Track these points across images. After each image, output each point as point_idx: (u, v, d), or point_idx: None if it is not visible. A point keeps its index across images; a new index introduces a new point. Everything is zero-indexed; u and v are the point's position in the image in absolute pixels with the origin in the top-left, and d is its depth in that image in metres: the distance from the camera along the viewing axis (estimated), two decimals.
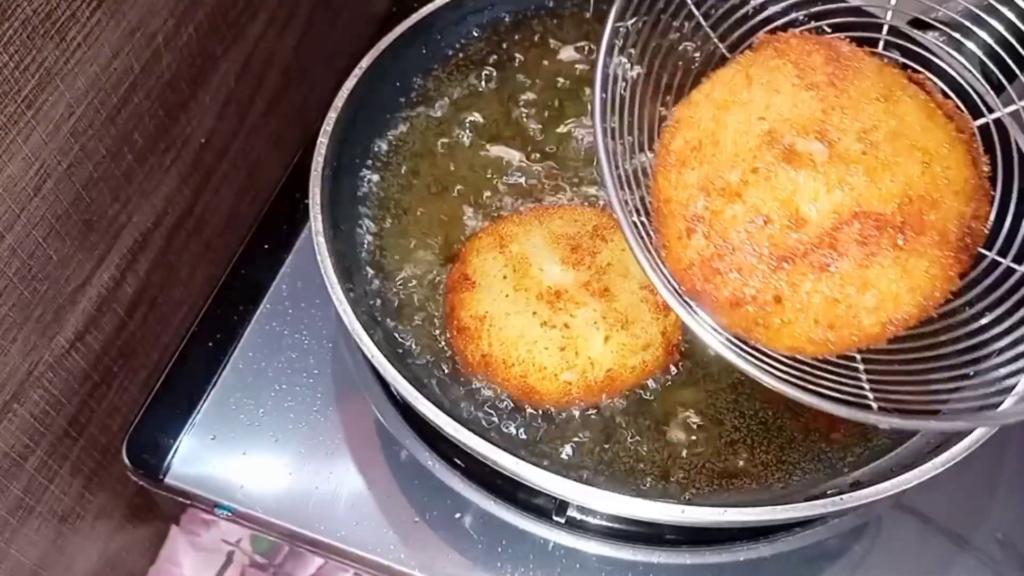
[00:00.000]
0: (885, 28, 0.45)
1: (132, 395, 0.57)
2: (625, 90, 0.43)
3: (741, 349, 0.38)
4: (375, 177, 0.56)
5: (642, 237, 0.40)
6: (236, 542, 0.65)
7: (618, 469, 0.46)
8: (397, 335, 0.50)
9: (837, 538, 0.50)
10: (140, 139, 0.50)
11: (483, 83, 0.60)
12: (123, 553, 0.62)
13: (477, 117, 0.59)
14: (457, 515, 0.50)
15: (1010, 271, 0.41)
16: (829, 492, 0.43)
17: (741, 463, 0.47)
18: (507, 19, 0.63)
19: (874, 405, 0.38)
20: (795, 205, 0.37)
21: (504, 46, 0.62)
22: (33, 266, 0.45)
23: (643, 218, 0.41)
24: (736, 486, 0.46)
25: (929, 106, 0.39)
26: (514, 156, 0.57)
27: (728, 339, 0.39)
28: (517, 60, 0.61)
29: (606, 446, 0.47)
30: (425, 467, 0.51)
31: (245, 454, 0.52)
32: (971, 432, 0.41)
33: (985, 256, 0.42)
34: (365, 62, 0.55)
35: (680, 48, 0.46)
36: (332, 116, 0.52)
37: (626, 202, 0.40)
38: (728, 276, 0.37)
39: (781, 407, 0.48)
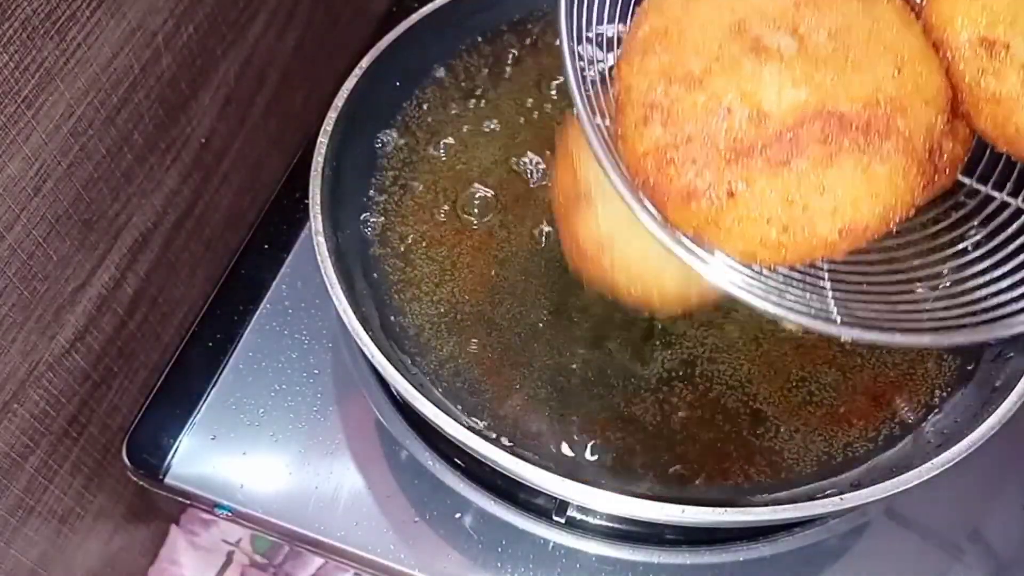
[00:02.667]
0: None
1: (132, 395, 0.57)
2: None
3: (699, 250, 0.37)
4: (375, 177, 0.56)
5: (607, 142, 0.38)
6: (236, 542, 0.65)
7: (617, 467, 0.46)
8: (397, 334, 0.50)
9: (837, 538, 0.50)
10: (140, 139, 0.50)
11: (483, 83, 0.60)
12: (123, 553, 0.62)
13: (478, 117, 0.59)
14: (457, 515, 0.50)
15: (988, 199, 0.40)
16: (829, 492, 0.43)
17: (741, 462, 0.47)
18: (508, 19, 0.63)
19: (838, 318, 0.37)
20: (757, 98, 0.35)
21: (505, 46, 0.62)
22: (33, 266, 0.45)
23: (607, 122, 0.39)
24: (736, 485, 0.46)
25: (906, 11, 0.38)
26: (514, 155, 0.57)
27: (688, 241, 0.37)
28: (518, 60, 0.61)
29: (606, 444, 0.47)
30: (425, 467, 0.51)
31: (245, 454, 0.52)
32: (934, 346, 0.40)
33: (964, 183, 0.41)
34: (365, 62, 0.55)
35: None
36: (332, 116, 0.52)
37: (590, 103, 0.38)
38: (682, 166, 0.35)
39: (781, 407, 0.48)
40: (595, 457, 0.47)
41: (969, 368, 0.49)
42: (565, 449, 0.47)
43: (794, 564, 0.49)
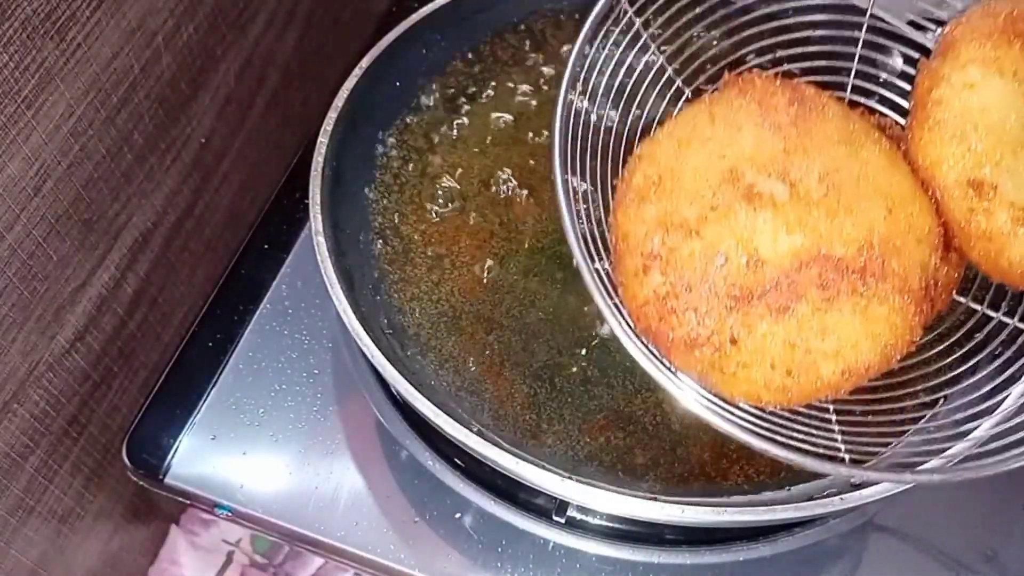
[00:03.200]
0: (853, 71, 0.44)
1: (132, 395, 0.57)
2: (587, 131, 0.42)
3: (711, 402, 0.38)
4: (376, 176, 0.56)
5: (604, 285, 0.39)
6: (236, 542, 0.65)
7: (617, 466, 0.46)
8: (397, 334, 0.50)
9: (837, 538, 0.50)
10: (140, 139, 0.50)
11: (484, 83, 0.60)
12: (123, 553, 0.62)
13: (478, 116, 0.59)
14: (457, 515, 0.50)
15: (986, 318, 0.41)
16: (829, 492, 0.43)
17: (741, 462, 0.47)
18: (508, 19, 0.63)
19: (846, 457, 0.37)
20: (754, 245, 0.36)
21: (506, 46, 0.62)
22: (33, 266, 0.45)
23: (606, 265, 0.40)
24: (736, 485, 0.46)
25: (893, 152, 0.38)
26: (514, 155, 0.57)
27: (698, 391, 0.38)
28: (519, 59, 0.61)
29: (605, 444, 0.47)
30: (425, 467, 0.51)
31: (245, 454, 0.52)
32: (941, 485, 0.40)
33: (960, 304, 0.41)
34: (365, 62, 0.55)
35: (644, 89, 0.45)
36: (332, 116, 0.52)
37: (587, 247, 0.39)
38: (683, 315, 0.36)
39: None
40: (595, 457, 0.47)
41: (969, 368, 0.49)
42: (565, 449, 0.47)
43: (794, 564, 0.49)
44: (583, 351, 0.50)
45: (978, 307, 0.42)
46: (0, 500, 0.48)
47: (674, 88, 0.46)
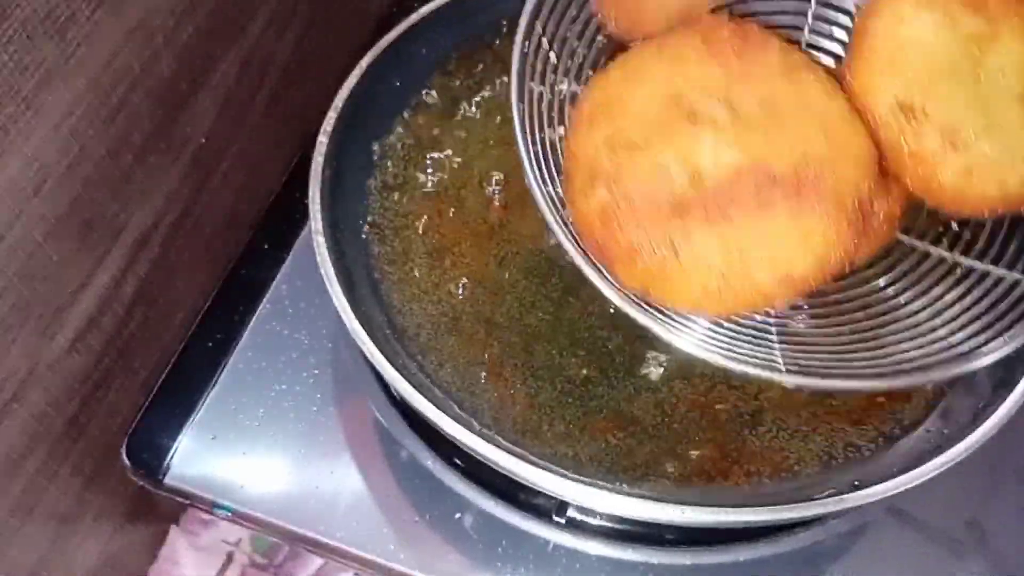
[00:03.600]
0: (807, 28, 0.46)
1: (132, 395, 0.57)
2: (544, 68, 0.44)
3: (652, 309, 0.40)
4: (375, 176, 0.56)
5: (558, 209, 0.41)
6: (236, 542, 0.65)
7: (617, 466, 0.46)
8: (397, 334, 0.50)
9: (837, 538, 0.50)
10: (140, 139, 0.50)
11: (484, 82, 0.60)
12: (123, 553, 0.62)
13: (478, 116, 0.59)
14: (457, 515, 0.50)
15: (926, 254, 0.43)
16: (829, 492, 0.43)
17: (742, 462, 0.47)
18: (509, 18, 0.63)
19: (783, 367, 0.39)
20: (694, 160, 0.38)
21: (506, 45, 0.62)
22: (33, 266, 0.45)
23: (558, 189, 0.42)
24: (736, 485, 0.46)
25: (832, 83, 0.40)
26: (514, 155, 0.57)
27: (639, 299, 0.40)
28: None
29: (606, 444, 0.47)
30: (425, 467, 0.51)
31: (245, 454, 0.52)
32: (872, 390, 0.43)
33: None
34: (365, 61, 0.55)
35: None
36: (332, 116, 0.52)
37: (541, 173, 0.42)
38: (626, 226, 0.38)
39: (782, 407, 0.48)
40: (595, 457, 0.47)
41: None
42: (565, 449, 0.47)
43: (794, 564, 0.49)
44: (583, 351, 0.50)
45: (918, 243, 0.45)
46: (0, 500, 0.48)
47: None
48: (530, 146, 0.42)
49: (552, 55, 0.45)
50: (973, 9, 0.40)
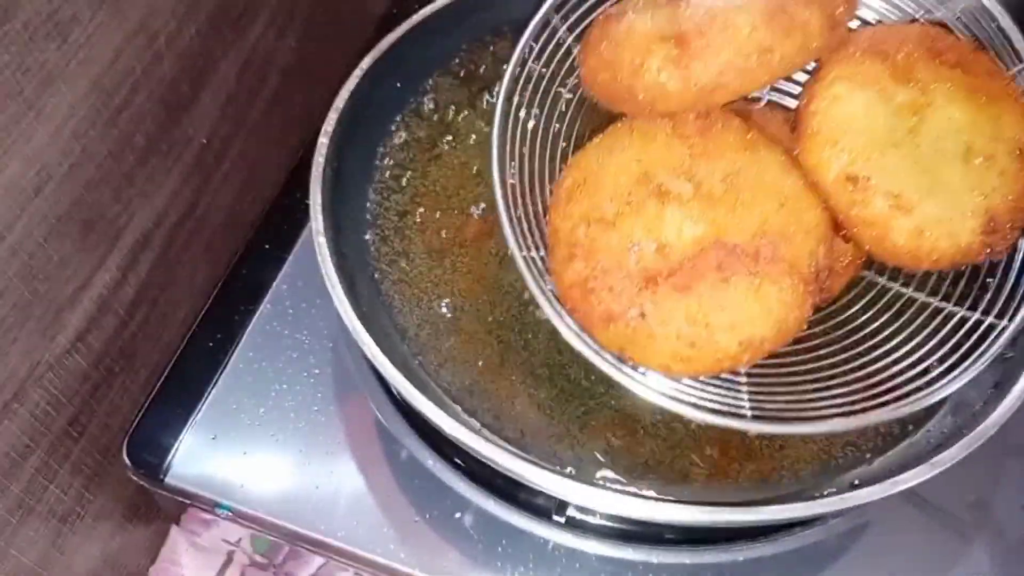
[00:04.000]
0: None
1: (132, 395, 0.57)
2: (525, 140, 0.48)
3: (625, 365, 0.42)
4: (376, 177, 0.56)
5: (537, 271, 0.44)
6: (236, 542, 0.65)
7: (617, 467, 0.46)
8: (397, 334, 0.50)
9: (837, 538, 0.50)
10: (141, 140, 0.50)
11: (484, 82, 0.60)
12: (123, 553, 0.62)
13: (479, 116, 0.59)
14: (457, 515, 0.50)
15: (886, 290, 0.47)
16: (829, 492, 0.43)
17: (742, 462, 0.47)
18: (509, 18, 0.63)
19: (748, 414, 0.41)
20: (662, 234, 0.42)
21: (506, 46, 0.62)
22: (34, 266, 0.45)
23: (542, 254, 0.46)
24: (736, 485, 0.46)
25: (788, 158, 0.44)
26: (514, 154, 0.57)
27: (614, 359, 0.42)
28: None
29: (606, 444, 0.47)
30: (425, 467, 0.51)
31: (245, 454, 0.52)
32: (837, 431, 0.45)
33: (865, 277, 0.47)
34: (366, 62, 0.55)
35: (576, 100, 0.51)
36: (333, 116, 0.53)
37: (524, 239, 0.45)
38: (601, 294, 0.41)
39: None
40: (595, 457, 0.47)
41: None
42: (565, 448, 0.47)
43: (794, 564, 0.49)
44: None
45: (879, 279, 0.48)
46: (0, 500, 0.48)
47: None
48: (513, 218, 0.45)
49: (531, 124, 0.49)
50: (903, 81, 0.43)
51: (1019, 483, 0.52)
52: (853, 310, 0.46)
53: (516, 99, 0.48)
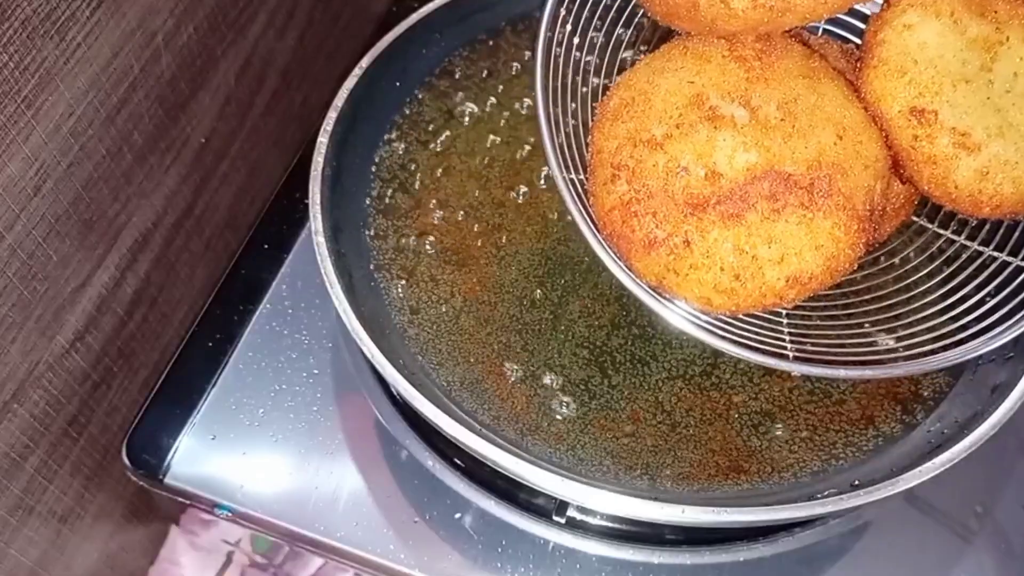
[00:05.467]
0: None
1: (132, 395, 0.57)
2: (569, 56, 0.45)
3: (663, 297, 0.41)
4: (375, 176, 0.56)
5: (577, 194, 0.43)
6: (236, 542, 0.65)
7: (617, 466, 0.46)
8: (398, 334, 0.50)
9: (837, 538, 0.50)
10: (140, 139, 0.50)
11: (484, 82, 0.60)
12: (123, 553, 0.62)
13: (478, 117, 0.59)
14: (457, 515, 0.50)
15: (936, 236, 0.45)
16: (829, 492, 0.43)
17: (741, 462, 0.47)
18: (508, 18, 0.63)
19: (790, 354, 0.40)
20: (712, 160, 0.39)
21: (505, 45, 0.62)
22: (33, 266, 0.45)
23: (581, 175, 0.44)
24: (736, 485, 0.46)
25: (849, 89, 0.42)
26: (515, 154, 0.57)
27: (653, 289, 0.41)
28: (518, 59, 0.61)
29: (606, 444, 0.47)
30: (425, 467, 0.51)
31: (245, 454, 0.52)
32: (880, 377, 0.44)
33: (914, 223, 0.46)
34: (365, 62, 0.55)
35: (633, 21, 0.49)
36: (332, 116, 0.52)
37: (564, 162, 0.43)
38: (644, 219, 0.39)
39: (782, 407, 0.48)
40: (595, 457, 0.47)
41: (969, 368, 0.49)
42: (565, 449, 0.47)
43: (794, 564, 0.49)
44: (583, 351, 0.50)
45: (929, 225, 0.46)
46: (0, 500, 0.48)
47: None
48: (553, 135, 0.43)
49: (576, 42, 0.46)
50: (980, 14, 0.40)
51: (1019, 483, 0.52)
52: (902, 255, 0.45)
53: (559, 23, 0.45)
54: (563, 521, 0.49)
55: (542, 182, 0.56)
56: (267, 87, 0.62)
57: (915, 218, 0.46)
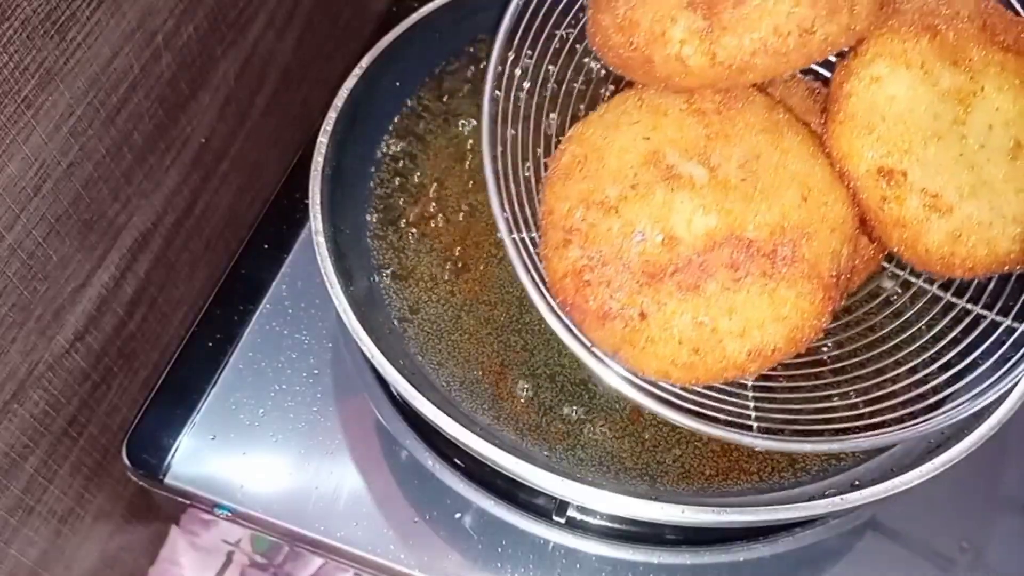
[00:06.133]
0: None
1: (132, 395, 0.57)
2: (520, 106, 0.43)
3: (631, 377, 0.39)
4: (375, 176, 0.56)
5: (526, 253, 0.40)
6: (236, 542, 0.65)
7: (618, 467, 0.46)
8: (398, 335, 0.50)
9: (837, 538, 0.50)
10: (140, 139, 0.50)
11: (484, 83, 0.60)
12: (123, 553, 0.62)
13: (478, 116, 0.59)
14: (457, 515, 0.50)
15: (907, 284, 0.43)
16: (829, 492, 0.43)
17: (742, 462, 0.47)
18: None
19: (754, 425, 0.38)
20: (670, 224, 0.37)
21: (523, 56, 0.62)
22: (33, 266, 0.45)
23: (531, 234, 0.41)
24: (736, 485, 0.46)
25: (814, 144, 0.39)
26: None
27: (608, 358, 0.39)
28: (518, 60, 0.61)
29: (607, 444, 0.47)
30: (425, 467, 0.51)
31: (245, 454, 0.52)
32: (847, 450, 0.42)
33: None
34: (365, 61, 0.55)
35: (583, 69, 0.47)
36: (332, 116, 0.52)
37: (512, 218, 0.41)
38: (597, 288, 0.37)
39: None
40: (595, 457, 0.47)
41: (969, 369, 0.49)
42: (565, 449, 0.47)
43: (794, 564, 0.49)
44: None
45: (900, 272, 0.44)
46: (0, 500, 0.48)
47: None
48: (502, 191, 0.41)
49: (526, 85, 0.45)
50: (953, 63, 0.38)
51: (1020, 483, 0.52)
52: (872, 308, 0.43)
53: (508, 64, 0.42)
54: (563, 521, 0.49)
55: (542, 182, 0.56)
56: (267, 87, 0.62)
57: (886, 264, 0.44)
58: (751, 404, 0.39)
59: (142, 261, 0.54)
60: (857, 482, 0.44)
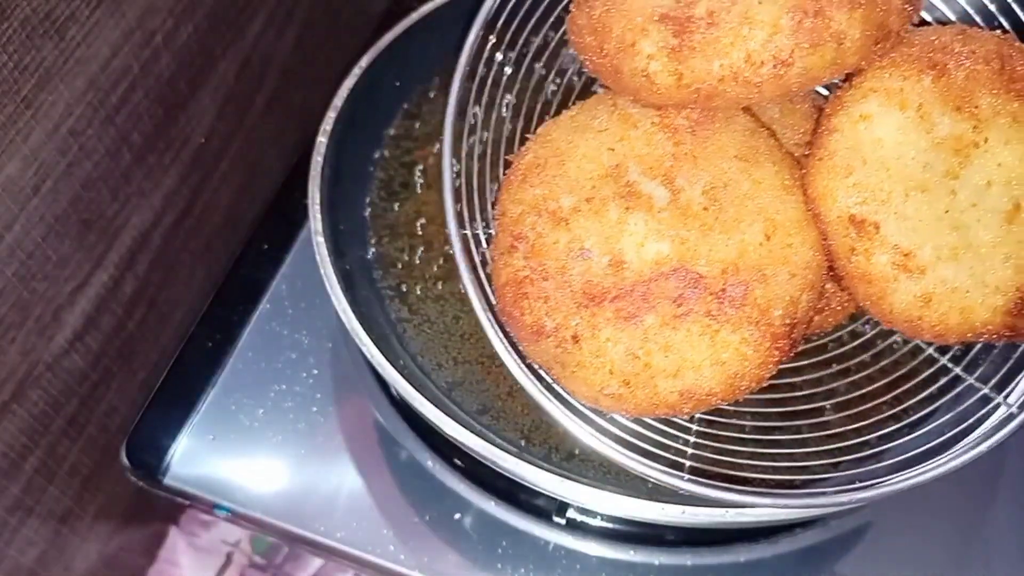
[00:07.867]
0: None
1: (131, 395, 0.57)
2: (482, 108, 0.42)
3: (552, 394, 0.37)
4: (375, 176, 0.56)
5: (470, 252, 0.39)
6: (235, 542, 0.65)
7: (619, 468, 0.46)
8: (397, 334, 0.50)
9: (837, 538, 0.50)
10: (139, 138, 0.50)
11: (484, 83, 0.60)
12: (122, 553, 0.61)
13: (478, 116, 0.59)
14: (457, 515, 0.50)
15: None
16: (829, 492, 0.43)
17: (742, 463, 0.47)
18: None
19: (686, 463, 0.37)
20: (619, 246, 0.35)
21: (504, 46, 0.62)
22: (32, 266, 0.45)
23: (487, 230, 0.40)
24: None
25: (792, 178, 0.36)
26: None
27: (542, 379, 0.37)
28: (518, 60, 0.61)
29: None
30: (425, 467, 0.51)
31: (244, 455, 0.52)
32: (778, 507, 0.39)
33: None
34: (365, 61, 0.55)
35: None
36: (332, 115, 0.52)
37: (460, 213, 0.39)
38: (534, 303, 0.35)
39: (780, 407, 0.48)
40: (596, 457, 0.47)
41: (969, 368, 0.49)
42: (566, 449, 0.47)
43: (794, 564, 0.49)
44: None
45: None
46: None
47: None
48: (453, 187, 0.40)
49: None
50: (956, 108, 0.34)
51: (1020, 483, 0.52)
52: (809, 376, 0.40)
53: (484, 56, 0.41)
54: (563, 522, 0.49)
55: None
56: (266, 87, 0.62)
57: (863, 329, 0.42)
58: (691, 442, 0.37)
59: (141, 261, 0.54)
60: (857, 482, 0.44)
